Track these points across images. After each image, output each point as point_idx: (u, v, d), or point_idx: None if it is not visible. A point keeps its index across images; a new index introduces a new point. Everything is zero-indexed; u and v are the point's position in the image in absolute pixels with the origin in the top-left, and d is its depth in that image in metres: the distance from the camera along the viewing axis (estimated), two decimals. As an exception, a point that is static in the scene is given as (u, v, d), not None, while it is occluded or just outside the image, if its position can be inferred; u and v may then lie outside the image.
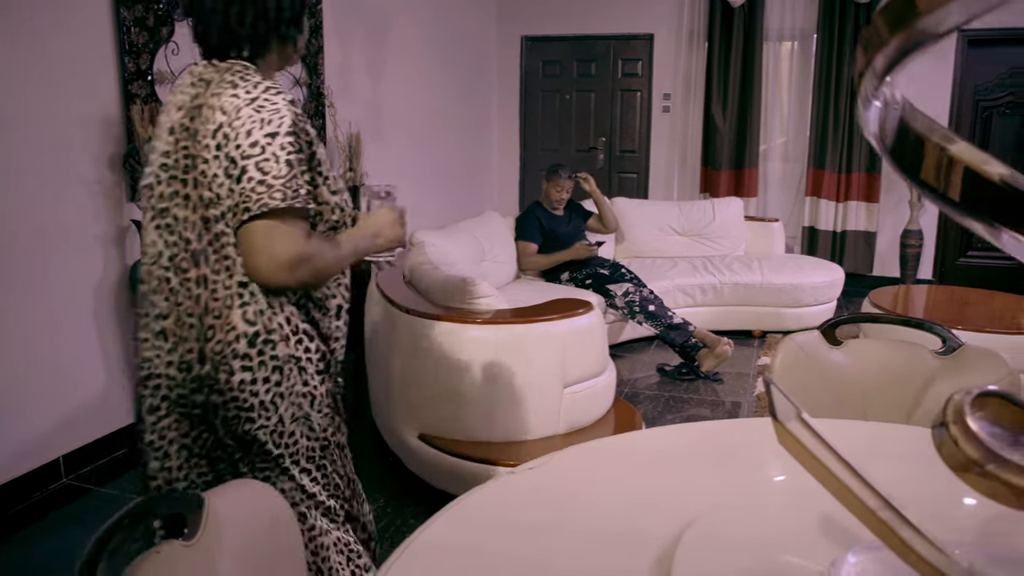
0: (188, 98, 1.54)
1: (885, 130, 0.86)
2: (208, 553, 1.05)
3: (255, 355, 1.51)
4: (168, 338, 1.54)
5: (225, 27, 1.53)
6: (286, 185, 1.43)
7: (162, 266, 1.54)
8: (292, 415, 1.58)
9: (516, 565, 1.19)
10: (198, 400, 1.54)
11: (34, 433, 3.09)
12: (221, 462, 1.61)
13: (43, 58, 3.01)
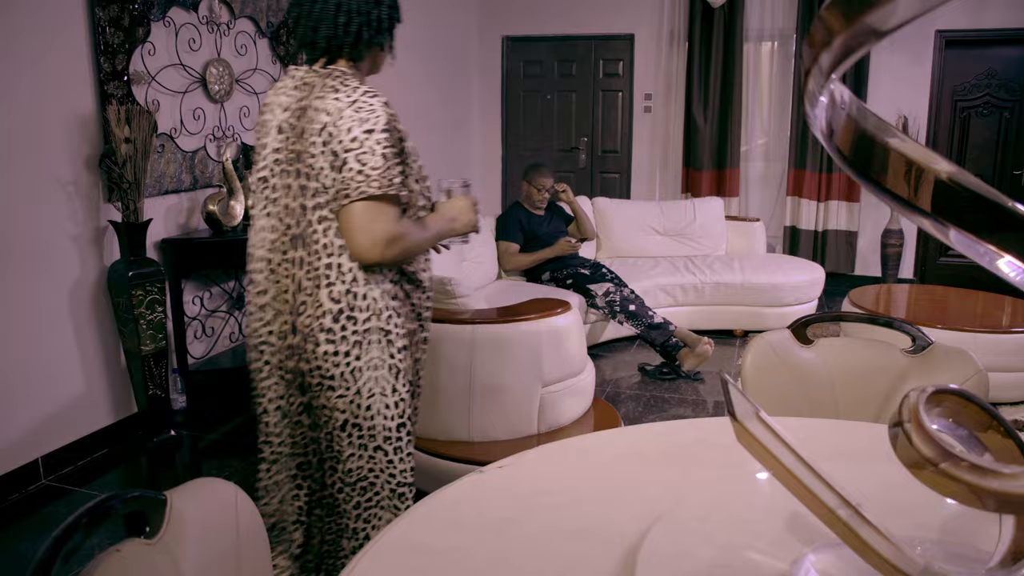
0: (292, 100, 1.74)
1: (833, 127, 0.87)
2: (170, 552, 1.05)
3: (338, 330, 1.70)
4: (268, 311, 1.77)
5: (331, 35, 1.73)
6: (382, 175, 1.65)
7: (266, 248, 1.76)
8: (370, 390, 1.75)
9: (479, 562, 1.19)
10: (290, 366, 1.76)
11: (12, 434, 3.07)
12: (302, 426, 1.82)
13: (17, 58, 2.99)
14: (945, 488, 0.97)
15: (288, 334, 1.74)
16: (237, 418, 3.81)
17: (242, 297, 4.22)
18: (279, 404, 1.83)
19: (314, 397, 1.76)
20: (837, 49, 0.82)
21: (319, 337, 1.70)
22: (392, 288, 1.77)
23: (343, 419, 1.76)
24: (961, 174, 0.87)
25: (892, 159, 0.88)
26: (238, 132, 4.12)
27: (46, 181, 3.14)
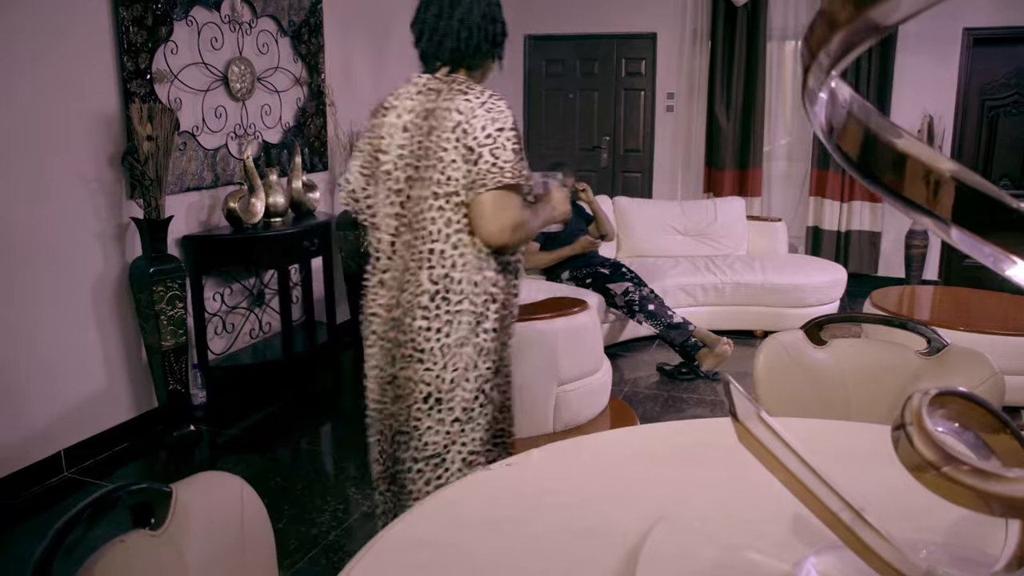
0: (417, 103, 1.93)
1: (832, 125, 0.86)
2: (175, 543, 1.07)
3: (433, 308, 1.86)
4: (383, 286, 1.94)
5: (456, 48, 1.94)
6: (513, 167, 1.82)
7: (388, 232, 1.92)
8: (454, 366, 1.90)
9: (482, 560, 1.20)
10: (391, 336, 1.92)
11: (35, 427, 3.12)
12: (385, 396, 1.98)
13: (43, 57, 3.04)
14: (947, 492, 0.95)
15: (393, 308, 1.91)
16: (256, 414, 3.84)
17: (262, 294, 4.26)
18: (377, 372, 2.00)
19: (403, 368, 1.92)
20: (837, 46, 0.82)
21: (416, 313, 1.87)
22: (492, 275, 1.92)
23: (427, 392, 1.90)
24: (964, 172, 0.86)
25: (893, 157, 0.87)
26: (259, 130, 4.16)
27: (70, 178, 3.19)
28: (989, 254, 0.95)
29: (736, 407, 1.06)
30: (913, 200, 0.88)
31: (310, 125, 4.55)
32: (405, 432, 1.95)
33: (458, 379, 1.90)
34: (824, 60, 0.83)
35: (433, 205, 1.85)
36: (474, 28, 1.94)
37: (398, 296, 1.90)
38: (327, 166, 4.74)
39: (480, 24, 1.95)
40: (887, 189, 0.89)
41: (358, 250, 4.72)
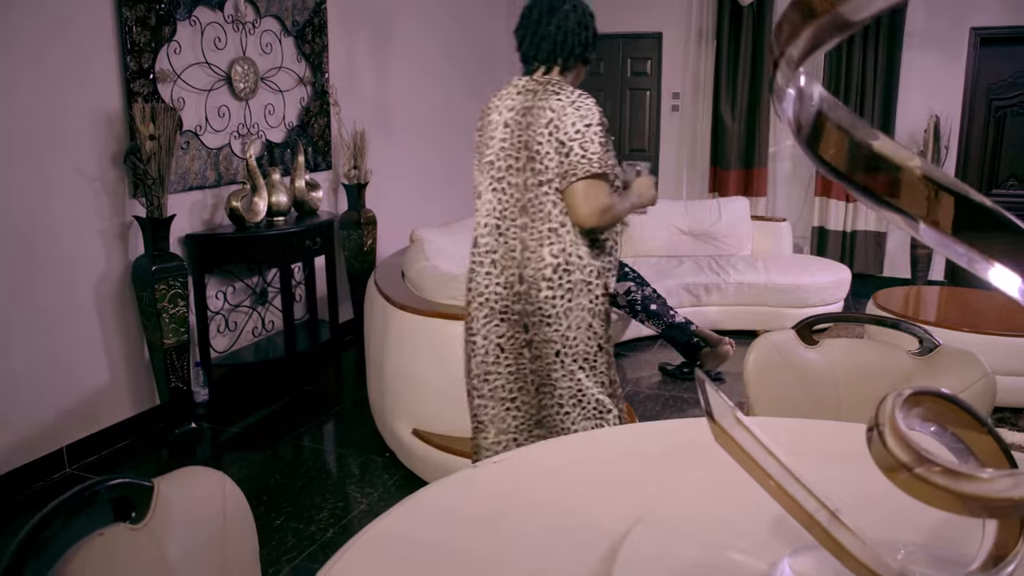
0: (517, 102, 2.16)
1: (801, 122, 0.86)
2: (155, 537, 1.08)
3: (556, 279, 2.14)
4: (496, 267, 2.19)
5: (552, 50, 2.18)
6: (600, 158, 2.06)
7: (494, 216, 2.18)
8: (576, 324, 2.18)
9: (463, 556, 1.21)
10: (516, 308, 2.20)
11: (39, 423, 3.15)
12: (523, 358, 2.25)
13: (46, 57, 3.07)
14: (920, 493, 0.95)
15: (515, 283, 2.18)
16: (258, 412, 3.86)
17: (265, 293, 4.28)
18: (498, 342, 2.25)
19: (536, 333, 2.20)
20: (805, 41, 0.82)
21: (541, 285, 2.15)
22: (593, 250, 2.18)
23: (556, 348, 2.20)
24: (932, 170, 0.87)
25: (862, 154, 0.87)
26: (263, 129, 4.18)
27: (73, 177, 3.21)
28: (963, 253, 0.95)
29: (712, 407, 1.06)
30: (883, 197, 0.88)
31: (314, 124, 4.57)
32: (547, 384, 2.25)
33: (580, 336, 2.20)
34: (792, 56, 0.84)
35: (542, 191, 2.12)
36: (569, 33, 2.18)
37: (520, 272, 2.17)
38: (330, 165, 4.76)
39: (575, 30, 2.19)
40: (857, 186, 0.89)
41: (361, 249, 4.73)
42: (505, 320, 2.22)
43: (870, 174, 0.88)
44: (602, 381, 2.29)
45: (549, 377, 2.24)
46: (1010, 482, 0.94)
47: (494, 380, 2.29)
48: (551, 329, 2.18)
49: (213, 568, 1.14)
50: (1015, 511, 0.96)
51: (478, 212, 2.25)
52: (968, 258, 0.95)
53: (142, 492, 1.09)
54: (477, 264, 2.26)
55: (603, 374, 2.29)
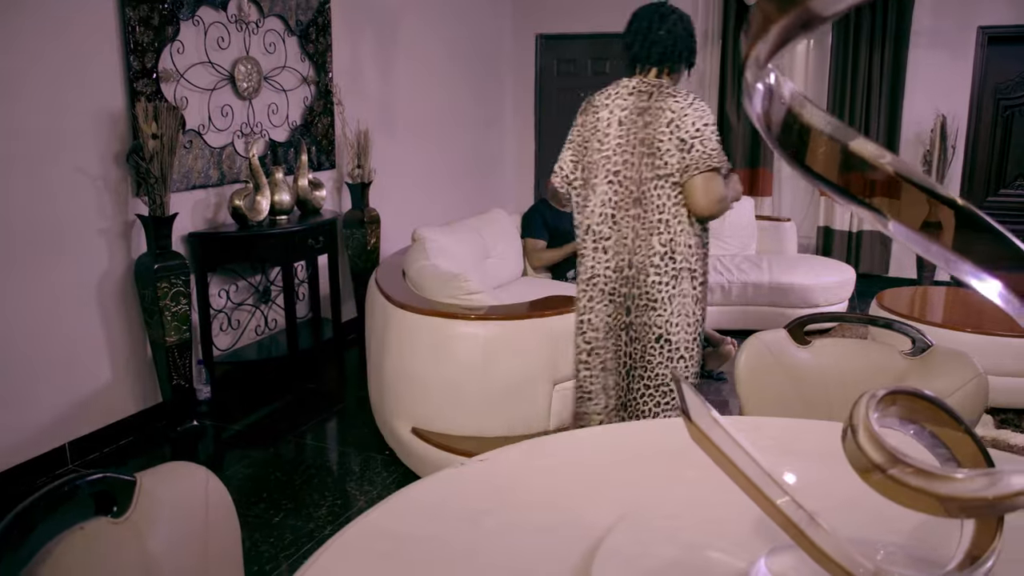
0: (629, 102, 2.36)
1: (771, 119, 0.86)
2: (137, 531, 1.09)
3: (663, 266, 2.35)
4: (607, 252, 2.41)
5: (663, 55, 2.40)
6: (718, 154, 2.29)
7: (609, 206, 2.39)
8: (678, 311, 2.38)
9: (446, 552, 1.21)
10: (622, 291, 2.41)
11: (42, 420, 3.18)
12: (620, 340, 2.44)
13: (50, 57, 3.09)
14: (895, 494, 0.95)
15: (625, 268, 2.38)
16: (260, 409, 3.88)
17: (268, 291, 4.30)
18: (606, 320, 2.45)
19: (637, 316, 2.39)
20: (774, 38, 0.82)
21: (649, 271, 2.35)
22: (695, 239, 2.38)
23: (658, 333, 2.38)
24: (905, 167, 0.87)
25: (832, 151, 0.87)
26: (266, 129, 4.20)
27: (77, 176, 3.24)
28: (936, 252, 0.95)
29: (688, 406, 1.07)
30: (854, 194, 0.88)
31: (317, 124, 4.58)
32: (640, 367, 2.43)
33: (681, 323, 2.39)
34: (761, 54, 0.84)
35: (657, 184, 2.32)
36: (678, 39, 2.40)
37: (630, 258, 2.38)
38: (334, 164, 4.78)
39: (683, 37, 2.42)
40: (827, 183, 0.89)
41: (365, 248, 4.75)
42: (612, 302, 2.44)
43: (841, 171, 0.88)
44: (696, 372, 2.48)
45: (645, 361, 2.42)
46: (984, 482, 0.94)
47: (603, 354, 2.49)
48: (655, 314, 2.38)
49: (194, 562, 1.15)
50: (989, 511, 0.97)
51: (589, 203, 2.44)
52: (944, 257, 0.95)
53: (124, 486, 1.11)
54: (590, 249, 2.47)
55: (696, 364, 2.48)
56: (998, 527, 1.03)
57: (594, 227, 2.43)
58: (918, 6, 5.87)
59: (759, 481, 1.04)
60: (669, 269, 2.36)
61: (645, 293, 2.37)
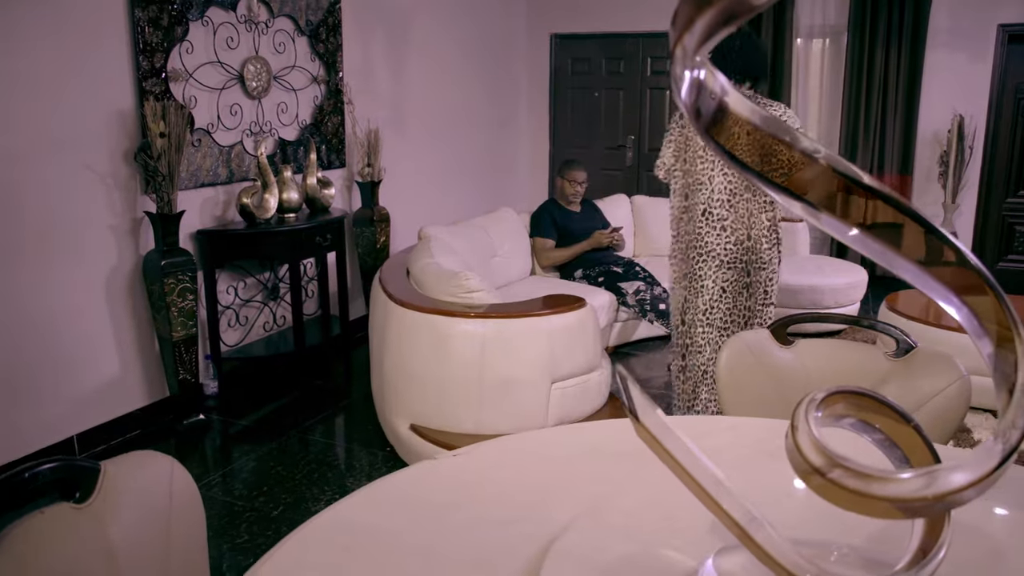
0: None
1: (701, 111, 0.86)
2: (98, 518, 1.12)
3: (771, 236, 3.12)
4: (726, 230, 3.06)
5: (751, 67, 3.01)
6: None
7: (726, 194, 3.04)
8: (775, 268, 3.18)
9: (407, 543, 1.23)
10: (743, 259, 3.11)
11: (50, 411, 3.24)
12: (740, 297, 3.17)
13: (61, 57, 3.16)
14: (835, 497, 0.94)
15: (744, 240, 3.07)
16: (266, 404, 3.93)
17: (277, 288, 4.35)
18: (723, 285, 3.14)
19: (755, 277, 3.15)
20: (701, 29, 0.82)
21: (763, 241, 3.09)
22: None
23: (765, 289, 3.17)
24: (832, 157, 0.87)
25: (760, 141, 0.87)
26: (275, 127, 4.25)
27: (88, 173, 3.30)
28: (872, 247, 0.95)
29: (635, 404, 1.07)
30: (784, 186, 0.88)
31: (327, 123, 4.62)
32: (756, 318, 3.21)
33: (774, 279, 3.19)
34: (688, 45, 0.84)
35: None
36: (763, 56, 3.07)
37: (748, 232, 3.07)
38: (344, 163, 4.82)
39: (765, 54, 3.04)
40: (759, 175, 0.89)
41: (374, 246, 4.79)
42: (731, 268, 3.11)
43: (773, 164, 0.88)
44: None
45: (756, 310, 3.20)
46: (922, 482, 0.94)
47: (714, 313, 3.17)
48: (765, 273, 3.15)
49: (156, 549, 1.17)
50: (929, 510, 0.96)
51: (702, 191, 3.06)
52: (880, 252, 0.95)
53: (88, 473, 1.13)
54: (709, 228, 3.08)
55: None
56: (944, 526, 1.03)
57: (713, 211, 3.06)
58: (936, 4, 5.80)
59: (704, 481, 1.05)
60: (773, 238, 3.12)
61: (759, 259, 3.11)
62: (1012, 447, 0.89)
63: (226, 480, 3.21)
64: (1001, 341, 0.88)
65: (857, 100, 6.03)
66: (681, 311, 3.30)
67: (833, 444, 1.04)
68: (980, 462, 0.90)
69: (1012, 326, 0.86)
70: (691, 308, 3.24)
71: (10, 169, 3.03)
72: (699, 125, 0.87)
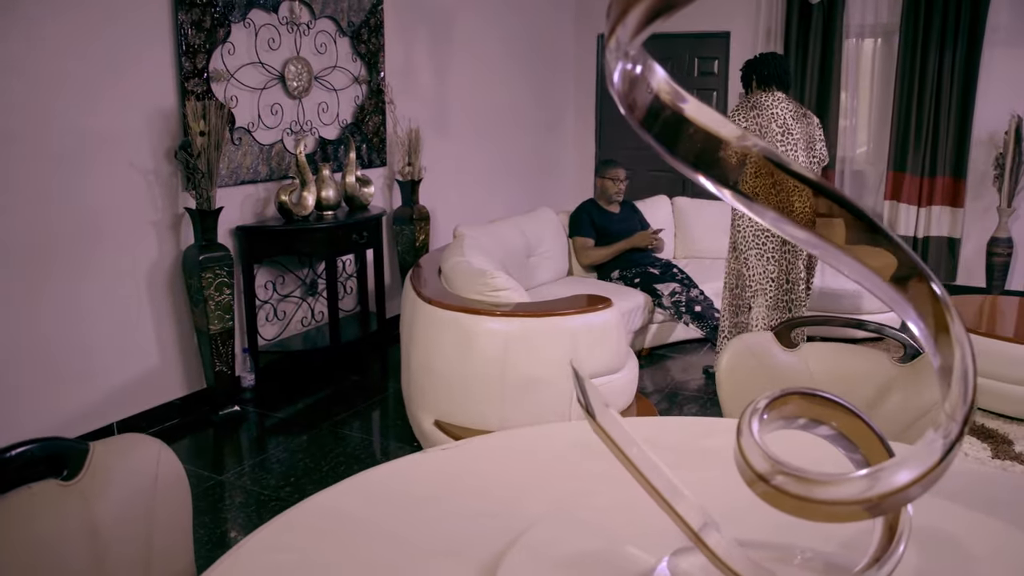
0: (793, 106, 3.70)
1: (635, 101, 0.87)
2: (85, 496, 1.18)
3: None
4: None
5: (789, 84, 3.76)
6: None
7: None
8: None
9: (379, 532, 1.26)
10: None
11: (92, 398, 3.38)
12: (801, 267, 3.78)
13: (108, 59, 3.29)
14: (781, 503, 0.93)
15: None
16: (300, 398, 4.02)
17: (315, 284, 4.45)
18: (772, 277, 3.73)
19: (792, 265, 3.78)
20: (635, 21, 0.83)
21: None
22: None
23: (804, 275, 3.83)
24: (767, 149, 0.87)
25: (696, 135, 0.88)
26: (316, 126, 4.34)
27: (131, 170, 3.43)
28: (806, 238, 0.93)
29: (591, 403, 1.08)
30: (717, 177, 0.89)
31: (368, 122, 4.71)
32: (797, 299, 3.80)
33: None
34: (622, 35, 0.85)
35: (813, 165, 3.75)
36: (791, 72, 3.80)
37: None
38: (385, 162, 4.90)
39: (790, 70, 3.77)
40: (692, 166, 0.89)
41: (413, 244, 4.86)
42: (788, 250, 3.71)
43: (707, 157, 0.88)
44: None
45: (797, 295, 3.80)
46: (865, 483, 0.93)
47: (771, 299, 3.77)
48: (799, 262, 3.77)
49: (139, 528, 1.23)
50: (875, 511, 0.95)
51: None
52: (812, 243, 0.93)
53: (77, 453, 1.20)
54: None
55: None
56: (899, 526, 1.02)
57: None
58: (995, 2, 5.62)
59: (657, 482, 1.05)
60: None
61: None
62: (952, 440, 0.87)
63: (255, 470, 3.30)
64: (939, 332, 0.87)
65: (909, 101, 5.88)
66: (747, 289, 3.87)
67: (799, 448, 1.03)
68: (922, 458, 0.89)
69: (947, 316, 0.85)
70: (751, 287, 3.84)
71: (59, 166, 3.17)
72: (633, 117, 0.88)
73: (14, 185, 3.05)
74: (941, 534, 1.25)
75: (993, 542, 1.23)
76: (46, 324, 3.20)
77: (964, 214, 5.89)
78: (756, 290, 3.79)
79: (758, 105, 3.62)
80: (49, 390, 3.23)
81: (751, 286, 3.81)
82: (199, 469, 3.29)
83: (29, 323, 3.15)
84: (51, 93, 3.13)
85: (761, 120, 3.60)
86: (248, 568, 1.15)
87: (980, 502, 1.33)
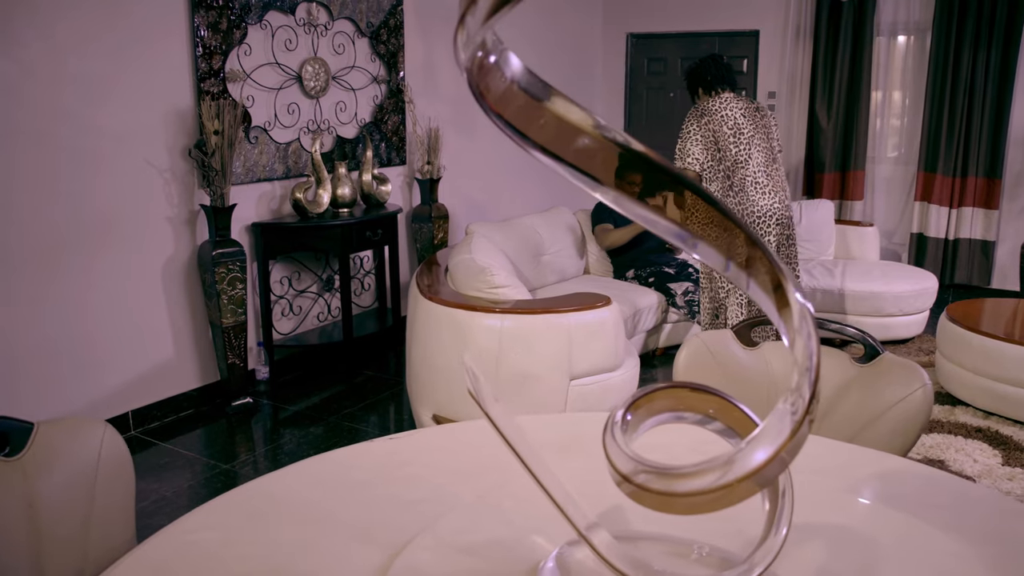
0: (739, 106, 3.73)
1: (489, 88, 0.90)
2: (26, 472, 1.25)
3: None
4: (768, 192, 3.68)
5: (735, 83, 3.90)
6: None
7: (763, 164, 3.69)
8: None
9: (308, 513, 1.31)
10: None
11: (108, 388, 3.52)
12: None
13: (126, 60, 3.41)
14: (649, 501, 0.94)
15: (784, 199, 3.76)
16: (316, 392, 4.12)
17: (331, 280, 4.54)
18: (777, 237, 3.71)
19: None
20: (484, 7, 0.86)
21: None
22: None
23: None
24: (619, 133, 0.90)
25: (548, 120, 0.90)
26: (333, 126, 4.43)
27: (148, 168, 3.56)
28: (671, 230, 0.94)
29: (482, 396, 1.12)
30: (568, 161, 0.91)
31: (387, 121, 4.78)
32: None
33: None
34: (471, 24, 0.88)
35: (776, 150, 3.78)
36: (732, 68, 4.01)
37: (783, 193, 3.73)
38: (404, 161, 4.97)
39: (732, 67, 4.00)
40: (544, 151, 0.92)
41: (432, 242, 4.92)
42: (779, 224, 3.70)
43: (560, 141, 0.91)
44: None
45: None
46: (721, 470, 0.94)
47: None
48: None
49: (79, 506, 1.30)
50: (735, 497, 0.95)
51: (739, 168, 3.65)
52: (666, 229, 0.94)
53: (21, 430, 1.27)
54: (760, 194, 3.65)
55: None
56: (777, 509, 1.03)
57: (759, 180, 3.64)
58: (1032, -1, 5.46)
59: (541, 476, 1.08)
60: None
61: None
62: (801, 416, 0.87)
63: (263, 461, 3.40)
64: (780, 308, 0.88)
65: (941, 100, 5.75)
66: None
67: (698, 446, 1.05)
68: (774, 436, 0.89)
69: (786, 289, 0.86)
70: None
71: (77, 163, 3.31)
72: (484, 104, 0.91)
73: (34, 182, 3.19)
74: (848, 531, 1.26)
75: (896, 533, 1.23)
76: (65, 316, 3.34)
77: (999, 216, 5.74)
78: (728, 288, 3.83)
79: (707, 112, 3.69)
80: (68, 379, 3.37)
81: (724, 286, 3.86)
82: (210, 459, 3.40)
83: (50, 315, 3.29)
84: (68, 93, 3.26)
85: (712, 125, 3.67)
86: (168, 547, 1.22)
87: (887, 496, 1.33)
